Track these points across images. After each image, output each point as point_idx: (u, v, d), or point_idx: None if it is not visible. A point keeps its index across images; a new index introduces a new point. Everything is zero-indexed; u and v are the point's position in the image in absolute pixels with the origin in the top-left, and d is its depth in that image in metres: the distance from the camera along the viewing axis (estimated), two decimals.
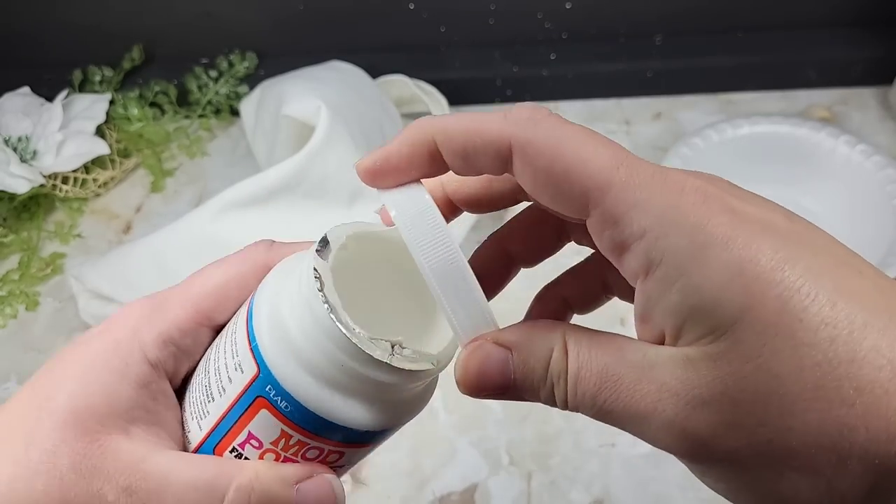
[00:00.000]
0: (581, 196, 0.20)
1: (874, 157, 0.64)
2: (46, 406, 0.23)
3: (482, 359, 0.22)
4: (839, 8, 0.75)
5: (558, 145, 0.20)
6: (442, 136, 0.22)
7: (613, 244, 0.20)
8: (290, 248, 0.27)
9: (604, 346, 0.21)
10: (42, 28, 0.81)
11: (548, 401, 0.22)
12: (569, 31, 0.78)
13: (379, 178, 0.23)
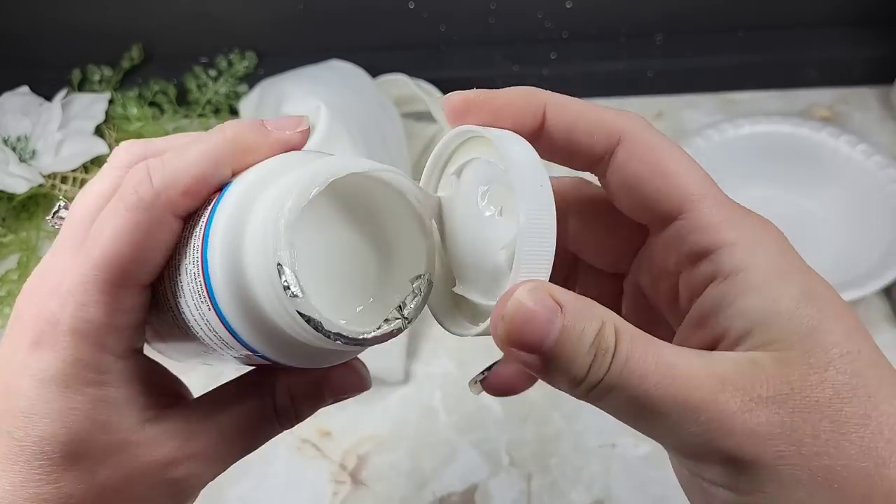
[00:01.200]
0: (676, 199, 0.22)
1: (875, 156, 0.64)
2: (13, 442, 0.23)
3: (534, 302, 0.19)
4: (840, 7, 0.75)
5: (664, 148, 0.22)
6: (556, 104, 0.23)
7: (696, 248, 0.22)
8: (278, 143, 0.24)
9: (655, 338, 0.20)
10: (41, 28, 0.81)
11: (577, 376, 0.20)
12: (569, 31, 0.78)
13: (471, 113, 0.23)
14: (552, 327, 0.19)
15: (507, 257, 0.21)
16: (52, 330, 0.23)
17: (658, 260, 0.24)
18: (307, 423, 0.59)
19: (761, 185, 0.67)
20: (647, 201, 0.23)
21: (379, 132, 0.63)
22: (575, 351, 0.19)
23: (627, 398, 0.20)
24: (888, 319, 0.58)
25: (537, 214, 0.20)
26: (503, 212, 0.22)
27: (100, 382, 0.23)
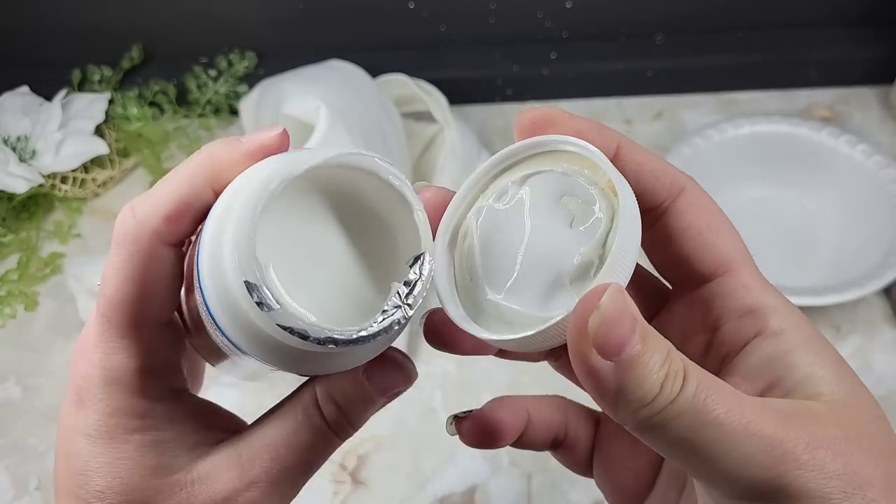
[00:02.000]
0: (724, 257, 0.24)
1: (875, 156, 0.64)
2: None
3: (622, 307, 0.19)
4: (840, 7, 0.75)
5: (719, 210, 0.24)
6: (628, 143, 0.24)
7: (742, 304, 0.23)
8: (251, 151, 0.23)
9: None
10: (41, 28, 0.81)
11: (647, 395, 0.19)
12: (569, 30, 0.78)
13: (551, 130, 0.23)
14: (634, 335, 0.19)
15: (581, 265, 0.21)
16: (87, 385, 0.24)
17: (691, 317, 0.25)
18: None
19: (761, 185, 0.67)
20: (696, 252, 0.24)
21: (379, 132, 0.63)
22: (649, 366, 0.19)
23: (696, 425, 0.19)
24: (888, 319, 0.58)
25: (635, 226, 0.21)
26: (574, 224, 0.22)
27: (143, 427, 0.23)
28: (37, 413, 0.60)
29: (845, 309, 0.58)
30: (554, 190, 0.23)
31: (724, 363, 0.23)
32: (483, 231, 0.23)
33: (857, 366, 0.56)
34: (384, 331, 0.21)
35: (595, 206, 0.22)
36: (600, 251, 0.21)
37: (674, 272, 0.25)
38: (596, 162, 0.22)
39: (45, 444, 0.58)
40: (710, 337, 0.24)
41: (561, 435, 0.29)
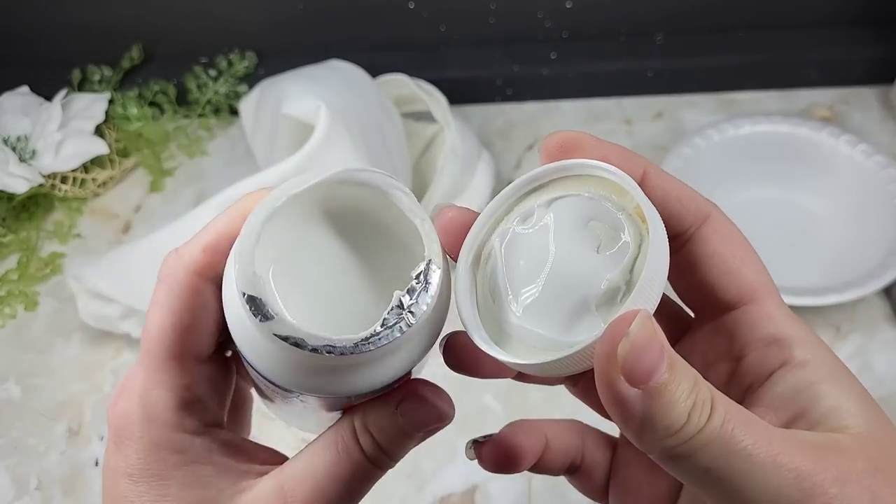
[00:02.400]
0: (748, 285, 0.24)
1: (875, 156, 0.64)
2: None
3: (650, 334, 0.19)
4: (840, 7, 0.75)
5: (744, 239, 0.24)
6: (655, 169, 0.24)
7: (767, 334, 0.23)
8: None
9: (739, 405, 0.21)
10: (41, 27, 0.81)
11: (674, 424, 0.19)
12: (569, 30, 0.78)
13: (577, 154, 0.23)
14: (662, 363, 0.19)
15: (607, 291, 0.21)
16: (126, 424, 0.24)
17: (714, 345, 0.25)
18: None
19: (761, 185, 0.67)
20: (720, 280, 0.24)
21: (379, 132, 0.63)
22: (676, 395, 0.19)
23: (723, 456, 0.19)
24: (888, 319, 0.58)
25: (663, 252, 0.21)
26: (601, 249, 0.22)
27: (184, 462, 0.23)
28: (37, 413, 0.60)
29: (845, 309, 0.58)
30: (580, 214, 0.23)
31: (747, 393, 0.23)
32: (507, 253, 0.23)
33: (857, 366, 0.57)
34: (382, 339, 0.21)
35: (622, 231, 0.22)
36: (628, 277, 0.21)
37: (697, 299, 0.25)
38: (624, 187, 0.22)
39: (45, 444, 0.58)
40: (733, 366, 0.24)
41: (578, 460, 0.29)
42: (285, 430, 0.57)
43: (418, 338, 0.22)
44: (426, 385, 0.24)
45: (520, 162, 0.74)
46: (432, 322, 0.23)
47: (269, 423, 0.57)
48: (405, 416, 0.24)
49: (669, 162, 0.66)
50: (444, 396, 0.25)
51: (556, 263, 0.22)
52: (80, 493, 0.55)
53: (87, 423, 0.59)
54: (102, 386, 0.61)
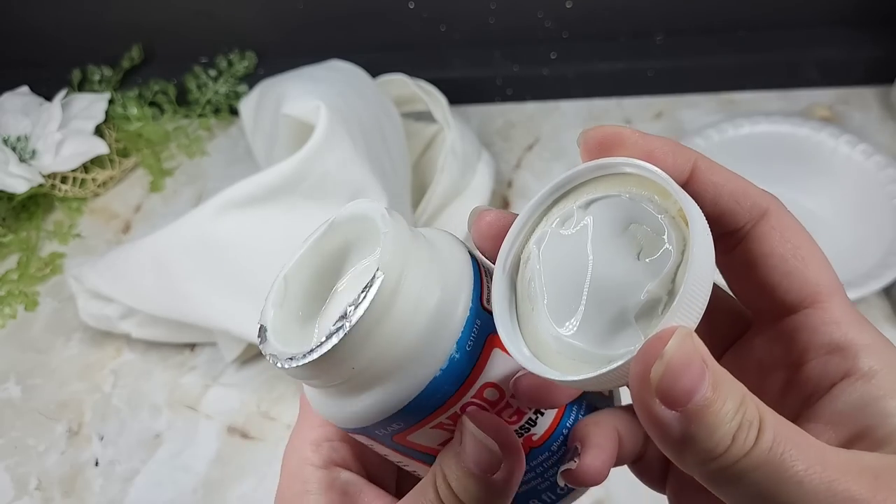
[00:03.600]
0: (811, 287, 0.21)
1: (875, 156, 0.63)
2: None
3: (690, 353, 0.17)
4: (840, 7, 0.75)
5: (805, 234, 0.22)
6: (706, 163, 0.22)
7: (831, 341, 0.21)
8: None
9: (793, 424, 0.19)
10: (41, 27, 0.81)
11: (715, 448, 0.17)
12: (569, 31, 0.78)
13: (619, 150, 0.22)
14: (703, 383, 0.17)
15: (647, 301, 0.20)
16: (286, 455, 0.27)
17: (773, 350, 0.23)
18: None
19: (761, 185, 0.66)
20: (780, 282, 0.22)
21: (379, 132, 0.63)
22: (720, 415, 0.17)
23: (771, 482, 0.17)
24: (889, 319, 0.58)
25: (707, 261, 0.19)
26: (642, 255, 0.21)
27: (303, 490, 0.26)
28: (37, 413, 0.60)
29: None
30: (620, 217, 0.21)
31: (806, 405, 0.22)
32: (546, 259, 0.22)
33: None
34: (325, 346, 0.20)
35: (664, 235, 0.20)
36: (669, 286, 0.20)
37: (755, 301, 0.23)
38: (665, 187, 0.20)
39: (45, 444, 0.58)
40: (792, 374, 0.22)
41: (642, 450, 0.27)
42: (285, 430, 0.57)
43: (416, 353, 0.21)
44: (480, 417, 0.22)
45: (520, 162, 0.74)
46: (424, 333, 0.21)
47: (269, 423, 0.57)
48: (465, 455, 0.22)
49: None
50: (500, 430, 0.22)
51: (594, 271, 0.21)
52: (79, 493, 0.55)
53: (86, 423, 0.59)
54: (102, 386, 0.61)
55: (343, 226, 0.23)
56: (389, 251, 0.20)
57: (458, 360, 0.21)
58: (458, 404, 0.22)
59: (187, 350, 0.62)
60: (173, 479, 0.55)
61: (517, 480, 0.22)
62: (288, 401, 0.58)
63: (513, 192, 0.71)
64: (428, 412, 0.22)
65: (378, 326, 0.20)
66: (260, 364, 0.61)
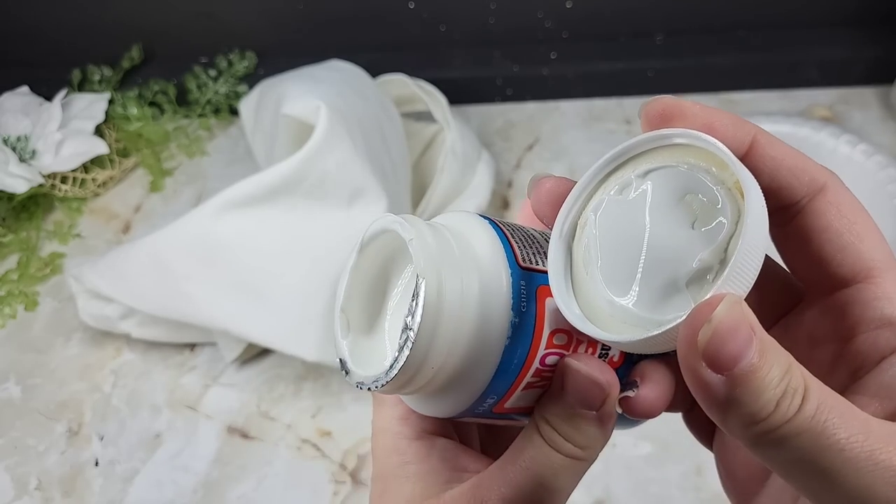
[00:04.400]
0: (865, 261, 0.22)
1: (875, 156, 0.63)
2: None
3: (738, 319, 0.18)
4: (840, 7, 0.75)
5: (862, 210, 0.22)
6: (766, 137, 0.22)
7: (882, 315, 0.21)
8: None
9: (838, 395, 0.19)
10: (41, 28, 0.81)
11: (759, 413, 0.18)
12: (569, 30, 0.78)
13: (680, 121, 0.22)
14: (750, 349, 0.18)
15: (699, 269, 0.20)
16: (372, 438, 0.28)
17: (823, 323, 0.23)
18: (307, 423, 0.59)
19: None
20: (834, 256, 0.22)
21: (379, 132, 0.63)
22: (765, 381, 0.18)
23: (813, 448, 0.18)
24: None
25: (761, 233, 0.20)
26: (697, 224, 0.21)
27: (402, 462, 0.26)
28: (37, 413, 0.60)
29: None
30: (677, 187, 0.22)
31: (854, 378, 0.22)
32: (602, 225, 0.23)
33: None
34: (399, 361, 0.22)
35: (719, 206, 0.21)
36: (721, 256, 0.20)
37: (809, 275, 0.23)
38: (723, 159, 0.21)
39: (45, 444, 0.58)
40: (841, 347, 0.22)
41: (692, 401, 0.27)
42: (285, 430, 0.57)
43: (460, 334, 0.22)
44: (579, 358, 0.23)
45: (520, 162, 0.74)
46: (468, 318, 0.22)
47: (269, 423, 0.57)
48: (566, 392, 0.23)
49: None
50: (594, 367, 0.23)
51: (649, 238, 0.22)
52: (79, 493, 0.55)
53: (86, 423, 0.59)
54: (102, 386, 0.61)
55: (371, 246, 0.24)
56: (422, 256, 0.22)
57: (519, 323, 0.23)
58: (535, 361, 0.23)
59: (187, 350, 0.62)
60: (173, 479, 0.55)
61: (613, 407, 0.24)
62: (288, 401, 0.58)
63: (513, 192, 0.71)
64: (512, 379, 0.23)
65: (438, 325, 0.22)
66: (260, 364, 0.61)
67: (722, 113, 0.22)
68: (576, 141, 0.74)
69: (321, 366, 0.57)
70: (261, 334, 0.56)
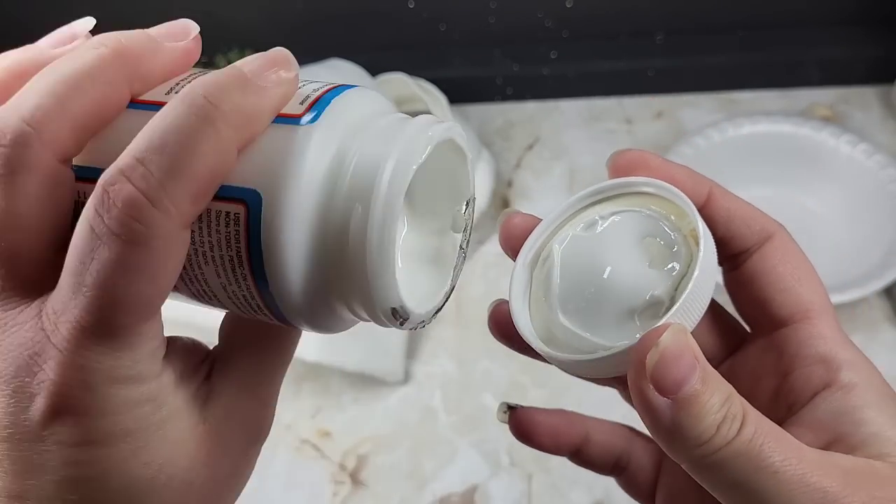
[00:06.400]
0: (804, 303, 0.24)
1: (876, 156, 0.63)
2: None
3: (682, 347, 0.20)
4: (841, 6, 0.75)
5: (804, 258, 0.25)
6: (721, 190, 0.25)
7: (817, 353, 0.23)
8: (175, 59, 0.23)
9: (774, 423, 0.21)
10: (40, 28, 0.81)
11: (702, 435, 0.19)
12: (570, 30, 0.78)
13: (636, 172, 0.24)
14: (693, 375, 0.19)
15: (651, 304, 0.23)
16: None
17: (764, 360, 0.25)
18: (307, 423, 0.59)
19: (762, 185, 0.66)
20: (775, 297, 0.24)
21: None
22: (707, 406, 0.19)
23: (749, 470, 0.19)
24: (889, 319, 0.58)
25: (709, 276, 0.22)
26: (652, 264, 0.23)
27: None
28: None
29: (846, 309, 0.58)
30: (638, 230, 0.24)
31: (791, 411, 0.23)
32: (564, 257, 0.24)
33: None
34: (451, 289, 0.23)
35: (674, 250, 0.23)
36: (672, 294, 0.22)
37: (753, 314, 0.26)
38: (683, 209, 0.23)
39: None
40: (780, 382, 0.24)
41: (623, 461, 0.29)
42: (285, 431, 0.57)
43: None
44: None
45: (520, 161, 0.74)
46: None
47: None
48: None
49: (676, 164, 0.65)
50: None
51: (606, 272, 0.24)
52: None
53: None
54: None
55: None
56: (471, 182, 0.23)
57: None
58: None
59: None
60: None
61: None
62: (287, 401, 0.58)
63: (513, 191, 0.71)
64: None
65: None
66: None
67: (682, 167, 0.25)
68: (576, 140, 0.74)
69: (321, 366, 0.57)
70: None
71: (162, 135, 0.18)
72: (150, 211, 0.17)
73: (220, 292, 0.21)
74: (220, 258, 0.20)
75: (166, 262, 0.18)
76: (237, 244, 0.19)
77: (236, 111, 0.19)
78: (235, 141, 0.19)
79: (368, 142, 0.20)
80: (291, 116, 0.20)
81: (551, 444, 0.28)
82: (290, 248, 0.19)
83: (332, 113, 0.20)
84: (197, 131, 0.18)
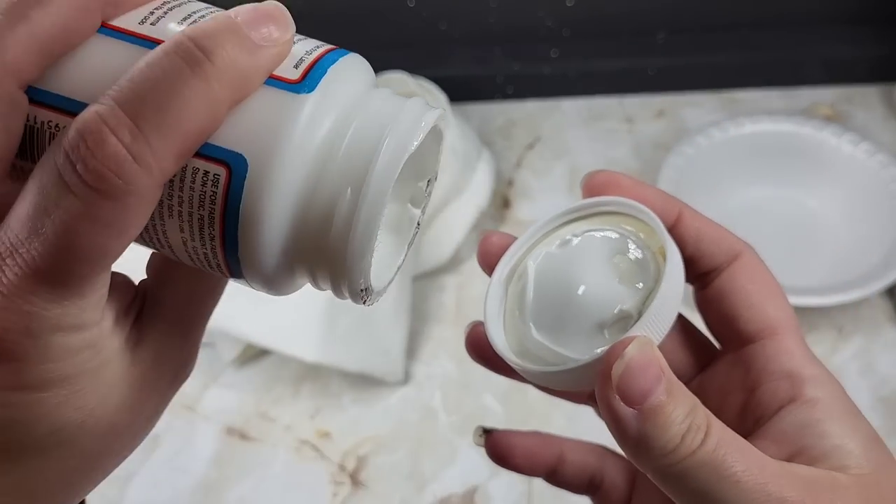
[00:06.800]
0: (770, 320, 0.25)
1: (878, 155, 0.63)
2: None
3: (648, 358, 0.20)
4: (843, 5, 0.75)
5: (771, 277, 0.26)
6: (691, 211, 0.26)
7: (783, 369, 0.24)
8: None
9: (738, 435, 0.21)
10: None
11: (667, 445, 0.20)
12: (570, 29, 0.78)
13: (609, 192, 0.26)
14: (659, 386, 0.20)
15: (619, 318, 0.24)
16: None
17: (732, 375, 0.26)
18: (306, 423, 0.59)
19: (763, 184, 0.66)
20: (743, 314, 0.25)
21: None
22: (671, 417, 0.20)
23: (712, 480, 0.20)
24: (892, 320, 0.58)
25: (675, 291, 0.23)
26: (622, 280, 0.24)
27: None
28: None
29: (848, 309, 0.58)
30: (609, 247, 0.25)
31: (757, 424, 0.24)
32: (538, 273, 0.25)
33: (859, 367, 0.56)
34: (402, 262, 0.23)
35: (643, 266, 0.24)
36: (640, 308, 0.23)
37: (722, 331, 0.27)
38: (652, 227, 0.24)
39: None
40: (747, 396, 0.25)
41: (597, 480, 0.30)
42: (284, 431, 0.56)
43: None
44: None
45: (520, 161, 0.74)
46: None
47: (268, 424, 0.57)
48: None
49: (671, 161, 0.65)
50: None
51: (578, 288, 0.24)
52: None
53: None
54: None
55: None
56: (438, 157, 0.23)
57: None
58: None
59: None
60: (171, 480, 0.55)
61: None
62: (287, 402, 0.58)
63: (513, 190, 0.71)
64: None
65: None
66: (259, 364, 0.60)
67: (653, 188, 0.26)
68: (577, 139, 0.74)
69: (320, 366, 0.57)
70: (260, 334, 0.55)
71: (152, 86, 0.17)
72: (132, 167, 0.17)
73: (177, 246, 0.20)
74: (189, 215, 0.19)
75: (137, 217, 0.17)
76: (211, 206, 0.19)
77: (231, 68, 0.18)
78: (227, 101, 0.18)
79: (362, 124, 0.20)
80: (286, 81, 0.19)
81: (527, 466, 0.29)
82: (269, 220, 0.19)
83: (328, 84, 0.19)
84: (189, 87, 0.17)
